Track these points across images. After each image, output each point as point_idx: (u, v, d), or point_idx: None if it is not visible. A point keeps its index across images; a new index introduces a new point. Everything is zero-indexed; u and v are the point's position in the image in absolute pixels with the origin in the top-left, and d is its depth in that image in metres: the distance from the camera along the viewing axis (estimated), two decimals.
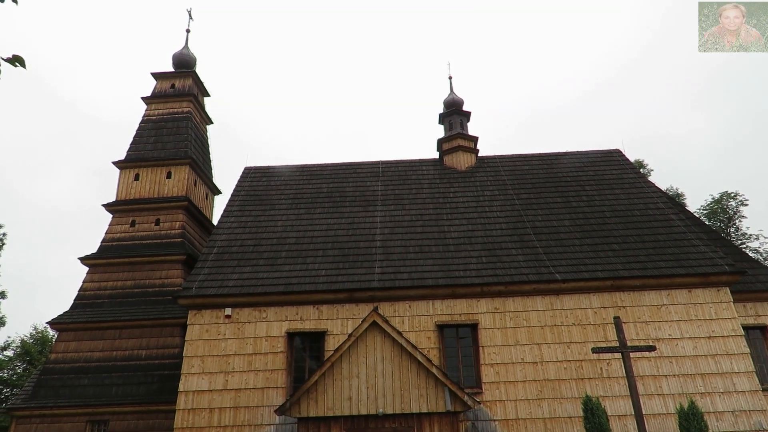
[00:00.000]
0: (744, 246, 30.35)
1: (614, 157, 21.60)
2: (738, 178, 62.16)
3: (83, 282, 19.45)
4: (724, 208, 31.19)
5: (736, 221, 31.13)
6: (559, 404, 13.83)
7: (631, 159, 26.06)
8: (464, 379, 14.36)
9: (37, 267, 67.17)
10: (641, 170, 31.27)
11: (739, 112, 73.11)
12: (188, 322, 15.10)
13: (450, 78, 25.26)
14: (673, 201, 19.25)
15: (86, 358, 17.70)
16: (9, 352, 31.73)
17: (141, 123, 23.25)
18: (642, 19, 79.75)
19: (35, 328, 34.77)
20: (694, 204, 46.26)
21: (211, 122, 25.52)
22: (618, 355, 13.74)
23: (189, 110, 23.48)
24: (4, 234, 27.11)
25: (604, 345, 13.98)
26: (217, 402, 14.14)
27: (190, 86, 24.16)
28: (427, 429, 12.00)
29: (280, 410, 12.27)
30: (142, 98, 23.75)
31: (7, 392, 30.78)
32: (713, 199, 31.80)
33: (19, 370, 31.86)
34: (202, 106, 24.71)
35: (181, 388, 14.33)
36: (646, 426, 11.95)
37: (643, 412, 11.92)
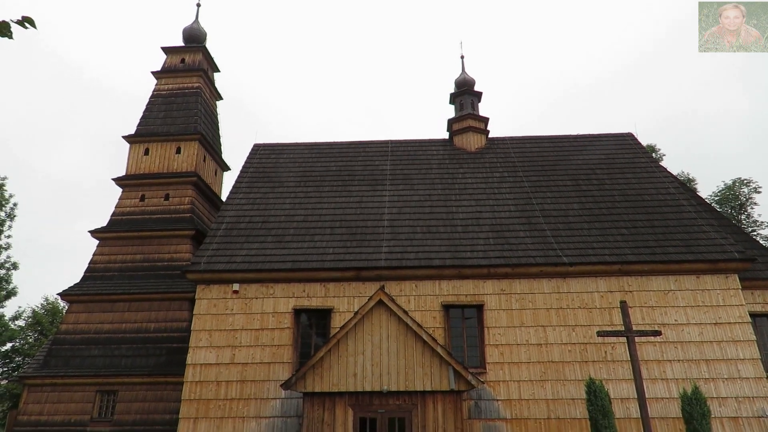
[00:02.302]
0: (755, 233, 30.10)
1: (626, 141, 21.35)
2: (761, 163, 60.93)
3: (93, 255, 19.67)
4: (736, 195, 30.87)
5: (748, 208, 30.82)
6: (563, 386, 13.92)
7: (645, 143, 25.82)
8: (468, 359, 14.46)
9: (47, 238, 67.96)
10: (653, 155, 30.94)
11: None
12: (196, 297, 15.27)
13: (462, 57, 24.95)
14: (685, 186, 19.06)
15: (96, 330, 17.99)
16: (21, 322, 32.29)
17: (151, 98, 23.23)
18: None
19: (46, 299, 35.32)
20: (710, 189, 45.64)
21: (221, 98, 25.45)
22: (623, 339, 13.77)
23: (199, 85, 23.41)
24: (15, 204, 27.40)
25: (609, 329, 14.00)
26: (224, 375, 14.35)
27: (200, 61, 24.04)
28: (431, 407, 12.14)
29: (286, 385, 12.44)
30: (152, 72, 23.69)
31: (19, 360, 31.42)
32: (725, 185, 31.46)
33: (30, 340, 32.46)
34: (211, 82, 24.62)
35: (189, 360, 14.55)
36: (649, 409, 12.02)
37: (647, 396, 11.97)
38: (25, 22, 3.69)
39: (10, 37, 3.70)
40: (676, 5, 76.51)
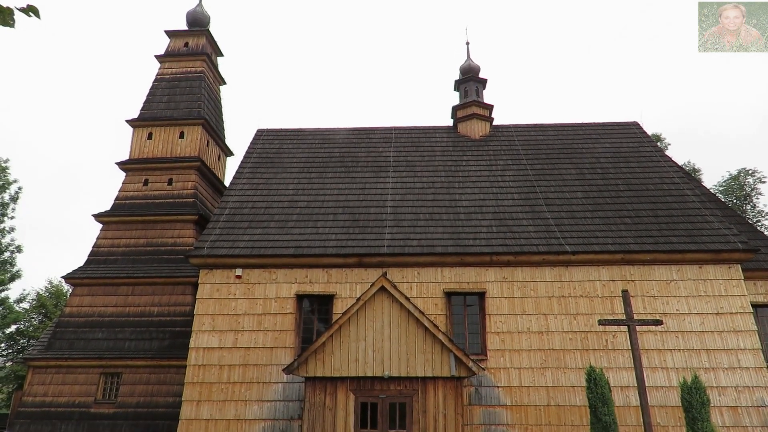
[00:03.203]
0: (759, 224, 30.00)
1: (632, 129, 21.23)
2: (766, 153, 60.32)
3: (97, 238, 19.74)
4: (741, 185, 30.73)
5: (753, 198, 30.69)
6: (563, 374, 13.98)
7: (650, 132, 25.65)
8: (470, 346, 14.53)
9: (52, 221, 68.18)
10: (659, 144, 30.77)
11: None
12: (199, 281, 15.33)
13: (467, 44, 24.74)
14: (690, 176, 18.98)
15: (100, 313, 18.12)
16: (25, 305, 32.51)
17: (154, 81, 23.16)
18: None
19: (50, 282, 35.54)
20: (715, 179, 45.36)
21: (224, 82, 25.34)
22: (624, 328, 13.80)
23: (202, 70, 23.30)
24: (20, 188, 27.49)
25: (610, 318, 14.02)
26: (227, 359, 14.46)
27: (203, 45, 23.91)
28: (432, 392, 12.22)
29: (288, 369, 12.53)
30: (156, 56, 23.59)
31: (23, 343, 31.70)
32: (730, 175, 31.30)
33: (35, 322, 32.71)
34: (215, 66, 24.50)
35: (192, 344, 14.65)
36: (649, 398, 12.09)
37: (646, 385, 12.03)
38: (30, 11, 3.63)
39: (12, 25, 3.64)
40: None
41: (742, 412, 13.46)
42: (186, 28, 24.59)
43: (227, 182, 23.74)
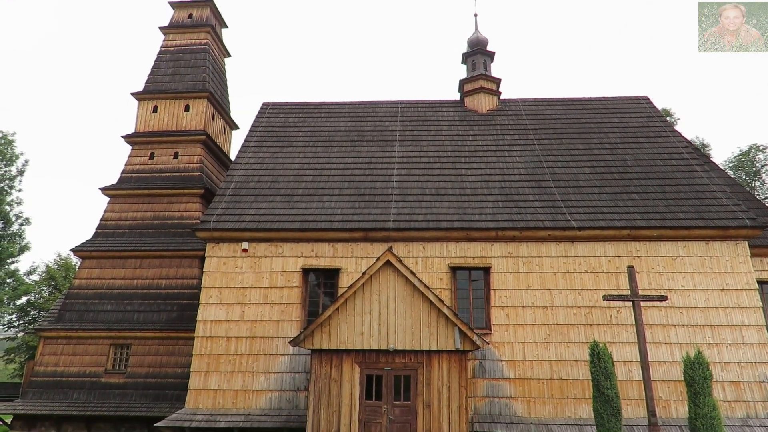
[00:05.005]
0: None
1: (641, 104, 20.94)
2: None
3: (104, 212, 19.86)
4: (751, 161, 30.39)
5: (763, 174, 30.38)
6: (566, 348, 14.09)
7: (660, 107, 25.29)
8: (474, 320, 14.63)
9: (59, 194, 68.58)
10: (668, 119, 30.39)
11: None
12: (206, 255, 15.44)
13: (475, 15, 24.29)
14: (699, 152, 18.77)
15: (109, 285, 18.35)
16: (35, 277, 32.94)
17: (159, 54, 22.96)
18: None
19: (59, 255, 35.93)
20: (725, 155, 44.90)
21: (229, 55, 25.10)
22: (628, 304, 13.84)
23: (206, 42, 23.06)
24: (26, 161, 27.59)
25: (615, 293, 14.06)
26: (234, 331, 14.65)
27: (207, 17, 23.62)
28: (436, 365, 12.37)
29: (294, 342, 12.69)
30: (160, 28, 23.35)
31: (34, 314, 32.21)
32: (741, 151, 30.94)
33: (45, 294, 33.17)
34: (219, 38, 24.23)
35: (199, 317, 14.83)
36: (651, 372, 12.19)
37: (650, 360, 12.11)
38: None
39: None
40: None
41: (744, 387, 13.56)
42: None
43: (233, 156, 23.73)
